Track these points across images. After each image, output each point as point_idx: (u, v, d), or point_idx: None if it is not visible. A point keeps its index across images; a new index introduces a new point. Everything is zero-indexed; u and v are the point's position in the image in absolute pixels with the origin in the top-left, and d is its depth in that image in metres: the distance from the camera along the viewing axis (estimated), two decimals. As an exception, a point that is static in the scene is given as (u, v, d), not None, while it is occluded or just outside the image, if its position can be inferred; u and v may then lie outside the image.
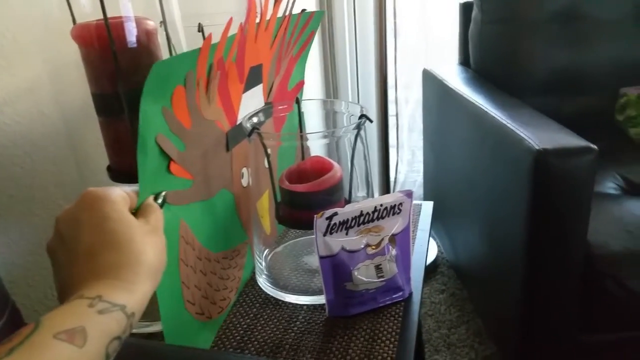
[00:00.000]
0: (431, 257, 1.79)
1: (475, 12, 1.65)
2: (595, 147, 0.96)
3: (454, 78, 1.58)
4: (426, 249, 0.89)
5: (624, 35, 1.58)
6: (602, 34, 1.58)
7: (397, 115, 2.06)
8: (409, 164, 2.20)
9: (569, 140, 1.00)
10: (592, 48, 1.58)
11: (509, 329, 1.21)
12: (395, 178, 2.13)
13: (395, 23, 1.91)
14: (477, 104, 1.29)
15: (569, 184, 0.96)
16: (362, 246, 0.69)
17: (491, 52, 1.64)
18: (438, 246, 1.84)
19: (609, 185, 1.26)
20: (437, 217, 1.52)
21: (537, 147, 0.96)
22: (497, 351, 1.39)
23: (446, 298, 1.64)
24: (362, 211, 0.68)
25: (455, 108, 1.47)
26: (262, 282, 0.79)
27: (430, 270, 1.76)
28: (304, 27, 0.86)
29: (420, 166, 2.04)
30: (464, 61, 1.76)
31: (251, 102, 0.76)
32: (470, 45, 1.69)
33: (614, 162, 1.34)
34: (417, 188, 2.12)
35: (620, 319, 1.11)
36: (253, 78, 0.75)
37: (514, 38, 1.60)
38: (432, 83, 1.69)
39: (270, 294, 0.78)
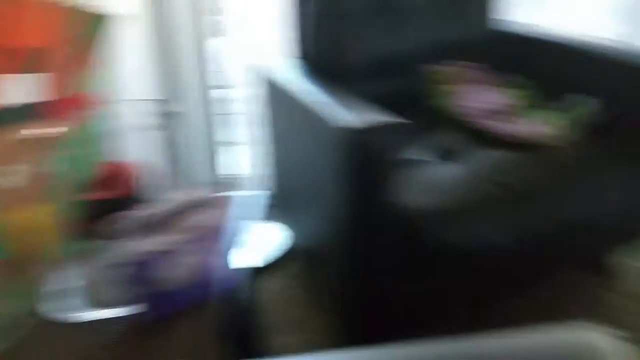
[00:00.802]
0: (283, 245, 1.83)
1: (301, 7, 1.70)
2: (397, 120, 1.06)
3: (280, 72, 1.63)
4: (237, 240, 0.89)
5: (435, 17, 1.75)
6: (416, 19, 1.72)
7: (230, 112, 2.07)
8: (249, 159, 2.22)
9: (372, 117, 1.08)
10: (406, 33, 1.71)
11: (350, 299, 1.29)
12: (236, 174, 2.14)
13: (220, 20, 1.91)
14: (294, 93, 1.36)
15: (373, 156, 1.06)
16: (170, 245, 0.69)
17: (317, 44, 1.70)
18: (289, 234, 1.89)
19: (423, 154, 1.38)
20: (284, 207, 1.61)
21: (339, 125, 1.05)
22: (342, 322, 1.46)
23: (294, 282, 1.72)
24: (166, 210, 0.68)
25: (279, 100, 1.52)
26: (62, 306, 0.74)
27: (282, 257, 1.81)
28: (90, 25, 0.78)
29: (259, 160, 2.07)
30: (293, 54, 1.81)
31: (24, 88, 0.69)
32: (297, 38, 1.74)
33: (428, 133, 1.48)
34: (257, 181, 2.15)
35: (442, 268, 1.22)
36: (31, 62, 0.68)
37: (338, 30, 1.68)
38: (258, 78, 1.73)
39: (72, 316, 0.73)
